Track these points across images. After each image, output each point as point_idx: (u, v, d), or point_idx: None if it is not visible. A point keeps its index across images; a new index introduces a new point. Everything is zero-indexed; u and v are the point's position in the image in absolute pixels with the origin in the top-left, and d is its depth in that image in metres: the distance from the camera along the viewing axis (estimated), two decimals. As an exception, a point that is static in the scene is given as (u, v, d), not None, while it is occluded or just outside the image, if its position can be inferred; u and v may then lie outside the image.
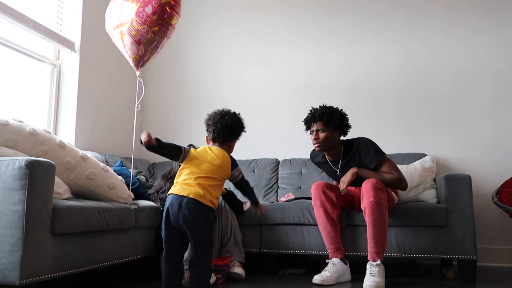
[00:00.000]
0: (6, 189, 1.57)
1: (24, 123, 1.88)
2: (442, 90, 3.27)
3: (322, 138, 2.45)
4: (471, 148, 3.14)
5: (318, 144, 2.48)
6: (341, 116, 2.48)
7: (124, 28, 2.21)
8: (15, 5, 2.66)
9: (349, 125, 2.53)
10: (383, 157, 2.40)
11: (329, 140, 2.46)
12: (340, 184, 2.36)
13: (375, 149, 2.41)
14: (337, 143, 2.51)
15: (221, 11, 3.86)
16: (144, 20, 2.14)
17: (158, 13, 2.13)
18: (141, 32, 2.17)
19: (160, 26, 2.17)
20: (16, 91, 2.81)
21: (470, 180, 2.39)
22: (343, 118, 2.48)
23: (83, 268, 1.85)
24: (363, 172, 2.37)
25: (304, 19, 3.63)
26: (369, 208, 2.22)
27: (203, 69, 3.85)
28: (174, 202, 1.81)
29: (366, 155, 2.40)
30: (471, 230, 2.33)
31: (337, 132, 2.48)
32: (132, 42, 2.21)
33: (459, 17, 3.29)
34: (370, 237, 2.22)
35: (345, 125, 2.49)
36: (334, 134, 2.47)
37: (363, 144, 2.44)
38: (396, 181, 2.34)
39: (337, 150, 2.53)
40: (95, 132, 3.28)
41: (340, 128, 2.48)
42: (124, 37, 2.23)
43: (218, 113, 2.03)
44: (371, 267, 2.18)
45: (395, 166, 2.39)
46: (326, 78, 3.50)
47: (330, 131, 2.46)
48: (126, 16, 2.20)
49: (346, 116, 2.52)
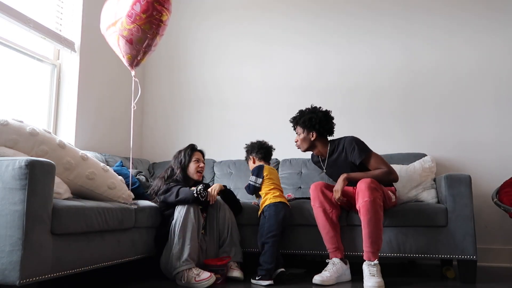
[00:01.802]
0: (6, 189, 1.57)
1: (24, 123, 1.88)
2: (442, 90, 3.27)
3: (299, 140, 2.63)
4: (471, 148, 3.14)
5: (297, 146, 2.66)
6: (311, 118, 2.56)
7: (116, 28, 2.20)
8: (15, 5, 2.66)
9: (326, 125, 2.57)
10: (367, 153, 2.46)
11: (305, 141, 2.60)
12: (334, 194, 2.39)
13: (359, 146, 2.47)
14: (317, 143, 2.60)
15: (221, 11, 3.86)
16: (133, 19, 2.13)
17: (147, 11, 2.12)
18: (132, 31, 2.16)
19: (150, 24, 2.15)
20: (16, 91, 2.81)
21: (470, 180, 2.39)
22: (315, 120, 2.55)
23: (83, 268, 1.85)
24: (353, 175, 2.41)
25: (305, 18, 3.63)
26: (364, 208, 2.22)
27: (203, 69, 3.85)
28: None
29: (351, 153, 2.47)
30: (471, 230, 2.33)
31: (313, 133, 2.57)
32: (124, 42, 2.20)
33: (459, 17, 3.29)
34: (366, 236, 2.22)
35: (320, 126, 2.55)
36: (310, 135, 2.58)
37: (348, 142, 2.51)
38: (385, 174, 2.40)
39: (320, 149, 2.62)
40: (95, 132, 3.28)
41: (317, 130, 2.56)
42: (116, 37, 2.23)
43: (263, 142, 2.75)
44: (369, 267, 2.18)
45: (382, 160, 2.46)
46: (326, 78, 3.50)
47: (306, 133, 2.59)
48: (118, 15, 2.20)
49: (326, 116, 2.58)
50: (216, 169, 3.43)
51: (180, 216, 2.30)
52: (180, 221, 2.28)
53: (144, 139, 3.91)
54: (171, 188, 2.41)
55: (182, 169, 2.57)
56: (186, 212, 2.30)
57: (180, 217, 2.29)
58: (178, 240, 2.25)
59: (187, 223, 2.28)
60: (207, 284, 2.14)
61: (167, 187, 2.44)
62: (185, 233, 2.26)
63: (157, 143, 3.85)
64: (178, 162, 2.59)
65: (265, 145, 2.74)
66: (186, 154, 2.60)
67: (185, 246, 2.24)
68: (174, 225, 2.30)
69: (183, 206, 2.32)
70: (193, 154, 2.61)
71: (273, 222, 2.40)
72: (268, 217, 2.44)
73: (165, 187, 2.45)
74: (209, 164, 3.43)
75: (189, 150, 2.62)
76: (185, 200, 2.33)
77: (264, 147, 2.73)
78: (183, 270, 2.20)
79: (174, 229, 2.29)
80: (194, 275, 2.17)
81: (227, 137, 3.68)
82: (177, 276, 2.23)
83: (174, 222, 2.31)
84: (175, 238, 2.26)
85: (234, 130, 3.67)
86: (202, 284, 2.14)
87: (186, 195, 2.33)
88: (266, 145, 2.75)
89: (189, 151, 2.61)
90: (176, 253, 2.23)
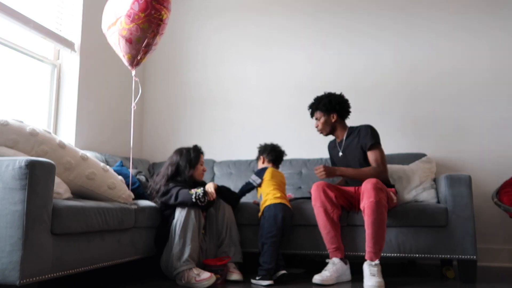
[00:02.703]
0: (6, 189, 1.57)
1: (24, 123, 1.88)
2: (442, 90, 3.27)
3: (320, 124, 2.69)
4: (471, 148, 3.14)
5: (318, 130, 2.72)
6: (336, 101, 2.66)
7: (116, 28, 2.20)
8: (15, 5, 2.66)
9: (345, 106, 2.68)
10: (377, 143, 2.53)
11: (327, 124, 2.68)
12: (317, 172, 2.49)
13: (373, 133, 2.56)
14: (337, 125, 2.70)
15: (223, 12, 3.86)
16: (132, 18, 2.13)
17: (145, 10, 2.11)
18: (131, 31, 2.16)
19: (149, 23, 2.15)
20: (16, 91, 2.81)
21: (470, 180, 2.39)
22: (334, 102, 2.66)
23: (83, 268, 1.85)
24: (343, 170, 2.52)
25: (305, 20, 3.63)
26: (369, 208, 2.22)
27: (203, 69, 3.85)
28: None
29: (365, 137, 2.55)
30: (471, 230, 2.33)
31: (334, 115, 2.66)
32: (124, 41, 2.20)
33: (459, 17, 3.29)
34: (369, 237, 2.22)
35: (340, 107, 2.66)
36: (331, 117, 2.67)
37: (364, 127, 2.61)
38: (376, 173, 2.46)
39: (339, 132, 2.70)
40: (95, 132, 3.28)
41: (337, 111, 2.66)
42: (117, 36, 2.22)
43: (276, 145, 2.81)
44: (370, 267, 2.18)
45: (383, 158, 2.51)
46: (326, 79, 3.50)
47: (326, 116, 2.67)
48: (117, 14, 2.19)
49: (343, 99, 2.69)
50: (216, 169, 3.43)
51: (181, 216, 2.30)
52: (181, 221, 2.28)
53: (144, 139, 3.91)
54: (170, 190, 2.41)
55: (192, 170, 2.56)
56: (187, 213, 2.30)
57: (181, 217, 2.29)
58: (179, 240, 2.25)
59: (188, 223, 2.28)
60: (208, 284, 2.14)
61: (166, 189, 2.43)
62: (186, 233, 2.27)
63: (157, 143, 3.85)
64: (187, 161, 2.55)
65: (278, 149, 2.80)
66: (196, 156, 2.59)
67: (186, 247, 2.24)
68: (175, 225, 2.30)
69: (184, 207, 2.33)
70: (199, 157, 2.62)
71: (272, 223, 2.40)
72: (267, 217, 2.44)
73: (164, 189, 2.44)
74: (209, 164, 3.43)
75: (197, 152, 2.61)
76: (184, 204, 2.33)
77: (276, 150, 2.79)
78: (184, 270, 2.20)
79: (175, 229, 2.29)
80: (194, 275, 2.17)
81: (227, 137, 3.68)
82: (177, 276, 2.23)
83: (175, 222, 2.31)
84: (176, 238, 2.26)
85: (234, 130, 3.67)
86: (202, 284, 2.13)
87: (184, 199, 2.33)
88: (278, 149, 2.81)
89: (197, 153, 2.61)
90: (176, 253, 2.23)
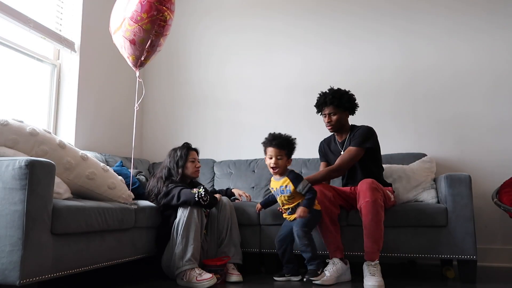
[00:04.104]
0: (6, 189, 1.57)
1: (24, 123, 1.88)
2: (442, 90, 3.27)
3: (334, 120, 2.63)
4: (471, 148, 3.14)
5: (331, 126, 2.65)
6: (349, 99, 2.64)
7: (121, 30, 2.20)
8: (15, 5, 2.66)
9: (356, 104, 2.68)
10: (359, 145, 2.51)
11: (340, 121, 2.64)
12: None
13: (363, 136, 2.54)
14: (347, 123, 2.69)
15: (224, 14, 3.86)
16: (135, 19, 2.13)
17: (148, 11, 2.11)
18: (134, 32, 2.16)
19: (152, 24, 2.15)
20: (16, 91, 2.81)
21: (470, 180, 2.39)
22: (351, 100, 2.64)
23: (83, 268, 1.85)
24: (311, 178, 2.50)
25: (307, 19, 3.62)
26: (365, 208, 2.23)
27: (203, 69, 3.85)
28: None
29: (355, 137, 2.56)
30: (471, 230, 2.33)
31: (346, 113, 2.66)
32: (128, 43, 2.20)
33: (460, 16, 3.29)
34: (367, 236, 2.22)
35: (353, 106, 2.66)
36: (344, 115, 2.65)
37: (362, 128, 2.62)
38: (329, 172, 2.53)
39: (345, 130, 2.69)
40: (95, 132, 3.28)
41: (349, 109, 2.65)
42: (122, 38, 2.23)
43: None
44: (369, 267, 2.18)
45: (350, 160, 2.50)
46: (326, 79, 3.48)
47: (340, 113, 2.62)
48: (123, 17, 2.20)
49: (354, 96, 2.67)
50: (216, 169, 3.43)
51: (184, 216, 2.29)
52: (183, 220, 2.28)
53: (144, 139, 3.91)
54: (171, 190, 2.39)
55: (180, 169, 2.55)
56: (190, 212, 2.29)
57: (184, 217, 2.28)
58: (181, 240, 2.25)
59: (191, 223, 2.28)
60: (208, 284, 2.14)
61: (167, 189, 2.42)
62: (188, 233, 2.26)
63: (157, 143, 3.85)
64: (174, 162, 2.56)
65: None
66: (183, 154, 2.57)
67: (189, 246, 2.24)
68: (177, 225, 2.29)
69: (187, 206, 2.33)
70: (189, 154, 2.60)
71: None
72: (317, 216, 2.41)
73: (165, 189, 2.43)
74: (209, 164, 3.43)
75: (185, 150, 2.59)
76: (187, 203, 2.32)
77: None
78: (186, 269, 2.20)
79: (177, 229, 2.29)
80: (196, 275, 2.16)
81: (227, 137, 3.68)
82: (178, 276, 2.22)
83: (177, 222, 2.30)
84: (178, 238, 2.25)
85: (234, 130, 3.67)
86: (203, 284, 2.13)
87: (187, 198, 2.32)
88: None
89: (185, 150, 2.58)
90: (179, 253, 2.23)
